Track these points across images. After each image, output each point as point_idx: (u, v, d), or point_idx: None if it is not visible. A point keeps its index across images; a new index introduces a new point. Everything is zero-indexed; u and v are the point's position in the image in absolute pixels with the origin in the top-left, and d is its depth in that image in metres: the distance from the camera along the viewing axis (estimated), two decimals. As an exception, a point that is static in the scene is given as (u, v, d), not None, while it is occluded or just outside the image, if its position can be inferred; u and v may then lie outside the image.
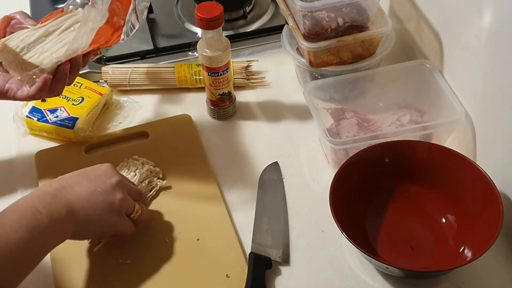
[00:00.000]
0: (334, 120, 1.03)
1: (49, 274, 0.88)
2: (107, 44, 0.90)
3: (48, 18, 0.93)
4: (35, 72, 0.85)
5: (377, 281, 0.87)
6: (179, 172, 1.00)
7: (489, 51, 0.89)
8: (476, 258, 0.80)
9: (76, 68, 0.89)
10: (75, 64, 0.89)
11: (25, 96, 0.87)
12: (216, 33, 0.99)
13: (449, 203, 0.91)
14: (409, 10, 1.11)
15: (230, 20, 1.27)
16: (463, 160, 0.90)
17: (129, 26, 0.92)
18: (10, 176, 1.02)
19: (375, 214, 0.93)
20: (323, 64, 1.04)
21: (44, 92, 0.87)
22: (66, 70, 0.87)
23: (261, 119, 1.10)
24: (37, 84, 0.86)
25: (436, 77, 1.02)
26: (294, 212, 0.95)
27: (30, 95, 0.87)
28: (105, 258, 0.89)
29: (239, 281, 0.85)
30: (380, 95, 1.07)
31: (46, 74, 0.86)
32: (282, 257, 0.89)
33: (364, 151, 0.92)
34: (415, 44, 1.13)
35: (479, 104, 0.95)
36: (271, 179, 0.99)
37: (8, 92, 0.88)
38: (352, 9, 1.01)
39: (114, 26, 0.91)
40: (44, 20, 0.93)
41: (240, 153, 1.05)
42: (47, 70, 0.86)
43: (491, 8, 0.85)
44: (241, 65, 1.16)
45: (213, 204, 0.96)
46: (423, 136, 0.97)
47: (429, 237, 0.90)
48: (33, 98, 0.88)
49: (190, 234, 0.92)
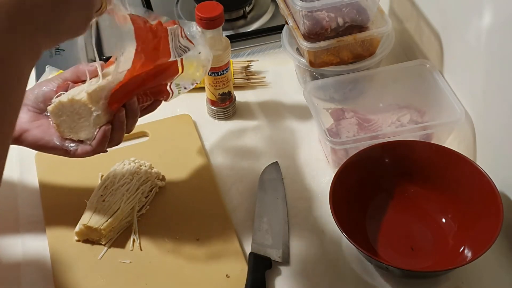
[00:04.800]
0: (334, 120, 1.03)
1: (49, 274, 0.88)
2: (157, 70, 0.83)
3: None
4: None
5: (377, 281, 0.87)
6: (179, 172, 1.00)
7: (489, 51, 0.89)
8: (476, 258, 0.80)
9: (132, 113, 0.85)
10: (130, 109, 0.84)
11: (88, 151, 0.84)
12: (216, 33, 0.99)
13: (449, 203, 0.91)
14: (409, 10, 1.11)
15: (230, 20, 1.27)
16: (463, 160, 0.90)
17: (178, 51, 0.84)
18: (10, 176, 1.02)
19: (375, 214, 0.93)
20: (323, 64, 1.04)
21: (105, 143, 0.84)
22: (122, 117, 0.83)
23: (261, 119, 1.10)
24: (98, 137, 0.82)
25: (436, 77, 1.02)
26: (294, 212, 0.95)
27: (93, 149, 0.83)
28: (105, 258, 0.89)
29: (239, 281, 0.85)
30: (380, 95, 1.07)
31: (105, 126, 0.82)
32: (282, 257, 0.89)
33: (364, 151, 0.92)
34: (415, 44, 1.13)
35: (479, 104, 0.95)
36: (271, 179, 0.99)
37: (68, 151, 0.84)
38: (352, 9, 1.01)
39: (152, 60, 0.83)
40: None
41: (240, 153, 1.05)
42: (99, 121, 0.82)
43: (491, 8, 0.85)
44: (241, 65, 1.16)
45: (213, 204, 0.96)
46: (423, 136, 0.97)
47: (429, 237, 0.90)
48: (95, 153, 0.84)
49: (190, 234, 0.92)
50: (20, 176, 1.02)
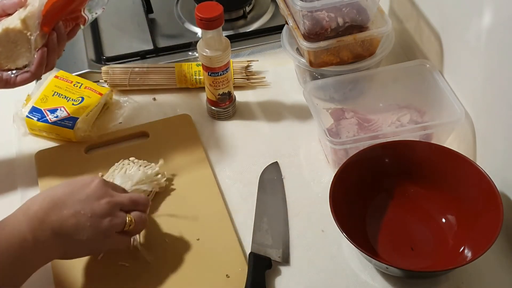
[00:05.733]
0: (334, 120, 1.03)
1: (49, 274, 0.88)
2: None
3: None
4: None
5: (377, 281, 0.87)
6: (179, 172, 1.00)
7: (489, 51, 0.89)
8: (476, 258, 0.80)
9: (61, 36, 0.92)
10: (59, 32, 0.91)
11: (28, 78, 0.90)
12: (216, 33, 0.99)
13: (449, 203, 0.91)
14: (409, 10, 1.11)
15: (230, 20, 1.27)
16: (463, 160, 0.90)
17: None
18: (10, 176, 1.02)
19: (375, 214, 0.93)
20: (323, 64, 1.04)
21: (43, 66, 0.90)
22: (54, 39, 0.91)
23: (261, 119, 1.10)
24: (37, 61, 0.89)
25: (436, 77, 1.02)
26: (294, 212, 0.95)
27: (33, 74, 0.90)
28: (105, 258, 0.89)
29: (239, 281, 0.85)
30: (380, 95, 1.07)
31: (41, 49, 0.89)
32: (282, 257, 0.89)
33: (364, 151, 0.92)
34: (415, 44, 1.13)
35: (479, 104, 0.95)
36: (271, 179, 0.99)
37: (8, 81, 0.91)
38: (352, 9, 1.01)
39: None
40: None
41: (240, 153, 1.05)
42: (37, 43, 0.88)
43: (491, 8, 0.85)
44: (241, 65, 1.16)
45: (213, 204, 0.96)
46: (423, 136, 0.97)
47: (429, 237, 0.90)
48: (34, 77, 0.91)
49: (190, 234, 0.92)
50: (20, 176, 1.02)
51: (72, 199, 0.80)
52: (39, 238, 0.76)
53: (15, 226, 0.76)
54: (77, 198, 0.80)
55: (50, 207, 0.78)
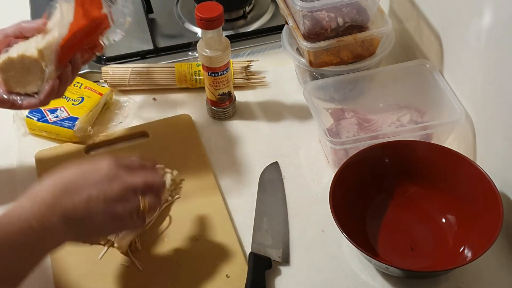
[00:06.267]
0: (334, 120, 1.03)
1: (49, 274, 0.88)
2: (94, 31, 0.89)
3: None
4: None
5: (377, 281, 0.87)
6: (179, 172, 1.00)
7: (489, 51, 0.89)
8: (476, 258, 0.80)
9: (77, 68, 0.91)
10: (75, 64, 0.90)
11: (35, 104, 0.88)
12: (216, 33, 0.99)
13: (449, 203, 0.91)
14: (409, 10, 1.11)
15: (230, 20, 1.27)
16: (463, 160, 0.90)
17: (118, 12, 0.92)
18: (10, 176, 1.02)
19: (375, 214, 0.93)
20: (323, 64, 1.04)
21: (52, 96, 0.89)
22: (68, 71, 0.89)
23: (261, 119, 1.11)
24: (47, 91, 0.87)
25: (436, 77, 1.02)
26: (294, 212, 0.95)
27: (41, 102, 0.88)
28: (105, 258, 0.89)
29: (239, 281, 0.85)
30: (380, 95, 1.07)
31: (54, 80, 0.87)
32: (282, 257, 0.89)
33: (364, 151, 0.92)
34: (415, 44, 1.13)
35: (479, 104, 0.95)
36: (271, 179, 0.99)
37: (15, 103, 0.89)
38: (352, 9, 1.01)
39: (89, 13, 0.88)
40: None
41: (240, 153, 1.05)
42: (51, 75, 0.86)
43: (491, 8, 0.85)
44: (241, 65, 1.16)
45: (213, 204, 0.96)
46: (423, 136, 0.97)
47: (429, 237, 0.90)
48: (41, 105, 0.89)
49: (190, 234, 0.92)
50: (20, 176, 1.02)
51: (83, 183, 0.77)
52: (47, 224, 0.73)
53: (21, 214, 0.74)
54: (89, 182, 0.77)
55: (61, 193, 0.76)
